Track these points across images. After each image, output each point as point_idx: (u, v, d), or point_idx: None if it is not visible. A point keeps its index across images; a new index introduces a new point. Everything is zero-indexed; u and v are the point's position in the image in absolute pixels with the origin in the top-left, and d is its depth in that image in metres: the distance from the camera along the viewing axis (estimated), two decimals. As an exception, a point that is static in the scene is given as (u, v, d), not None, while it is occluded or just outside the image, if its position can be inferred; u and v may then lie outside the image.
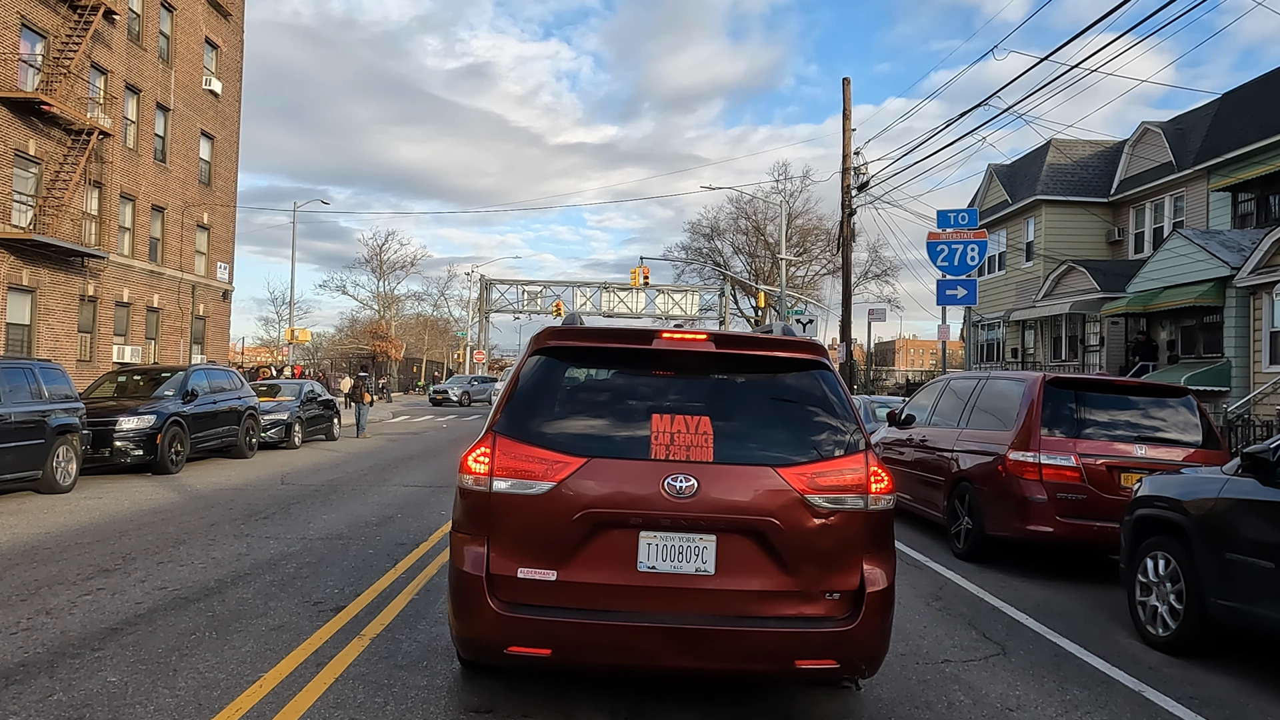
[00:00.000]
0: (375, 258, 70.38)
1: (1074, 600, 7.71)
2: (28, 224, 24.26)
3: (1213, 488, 6.12)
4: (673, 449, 4.19)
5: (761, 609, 4.17)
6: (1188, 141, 25.11)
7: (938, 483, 10.07)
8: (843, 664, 4.17)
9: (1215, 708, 5.21)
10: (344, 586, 7.08)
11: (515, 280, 62.31)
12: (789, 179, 70.85)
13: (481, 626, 4.17)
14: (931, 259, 21.10)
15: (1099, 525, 8.17)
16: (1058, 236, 28.86)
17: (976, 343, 33.65)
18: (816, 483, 4.22)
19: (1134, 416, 8.77)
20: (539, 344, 4.55)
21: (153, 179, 30.72)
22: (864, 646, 4.20)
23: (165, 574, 7.38)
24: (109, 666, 5.08)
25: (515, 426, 4.32)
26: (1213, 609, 5.88)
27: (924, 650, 6.01)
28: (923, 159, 75.24)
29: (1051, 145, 29.36)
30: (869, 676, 4.53)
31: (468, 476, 4.30)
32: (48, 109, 23.91)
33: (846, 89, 27.36)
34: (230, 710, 4.49)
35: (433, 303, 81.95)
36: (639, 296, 58.48)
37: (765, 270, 57.55)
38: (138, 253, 29.90)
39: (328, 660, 5.27)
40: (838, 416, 4.42)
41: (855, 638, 4.15)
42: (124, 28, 28.49)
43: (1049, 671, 5.70)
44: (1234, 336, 20.20)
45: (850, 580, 4.22)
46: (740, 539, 4.16)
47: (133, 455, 14.39)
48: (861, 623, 4.16)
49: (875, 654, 4.30)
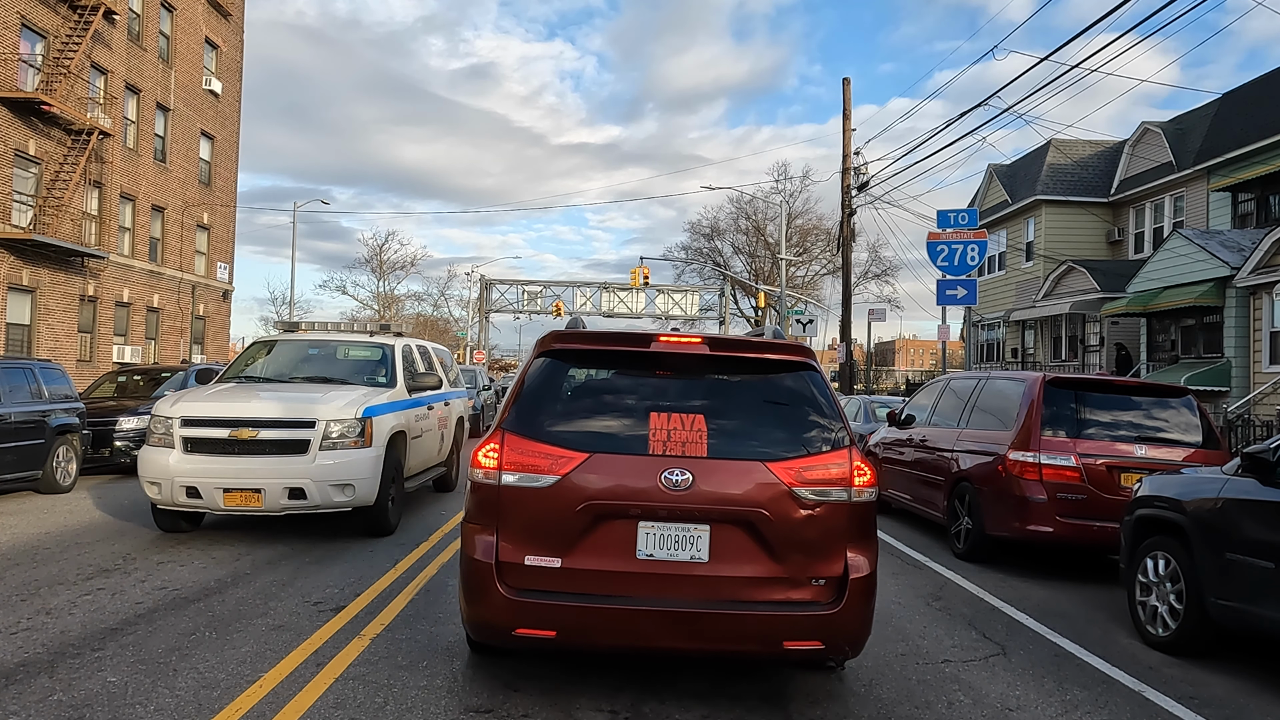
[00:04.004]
0: (375, 258, 70.45)
1: (1074, 600, 7.72)
2: (28, 224, 24.26)
3: (1213, 488, 6.12)
4: (669, 445, 4.47)
5: (752, 594, 4.45)
6: (1188, 141, 25.11)
7: (938, 483, 10.07)
8: (828, 645, 4.47)
9: (1215, 708, 5.21)
10: (344, 586, 7.08)
11: (515, 280, 62.27)
12: (789, 179, 70.81)
13: (491, 610, 4.45)
14: (931, 259, 21.10)
15: (1099, 525, 8.17)
16: (1058, 236, 28.86)
17: (976, 343, 33.65)
18: (803, 476, 4.50)
19: (1134, 416, 8.77)
20: (544, 346, 4.87)
21: (153, 179, 30.72)
22: (848, 629, 4.50)
23: (165, 574, 7.38)
24: (109, 666, 5.08)
25: (522, 424, 4.60)
26: (1213, 609, 5.88)
27: (924, 650, 6.01)
28: (923, 159, 75.18)
29: (1051, 145, 29.36)
30: (853, 657, 4.88)
31: (478, 471, 4.58)
32: (48, 109, 23.92)
33: (846, 89, 27.37)
34: (230, 710, 4.49)
35: (433, 303, 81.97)
36: (639, 296, 58.42)
37: (765, 270, 57.54)
38: (138, 253, 29.91)
39: (328, 660, 5.27)
40: (824, 415, 4.72)
41: (840, 621, 4.44)
42: (124, 28, 28.50)
43: (1049, 671, 5.70)
44: (1234, 336, 20.20)
45: (835, 567, 4.51)
46: (732, 529, 4.44)
47: (133, 455, 14.37)
48: (845, 607, 4.45)
49: (858, 636, 4.60)
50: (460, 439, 13.22)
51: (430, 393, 10.96)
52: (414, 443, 10.21)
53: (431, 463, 11.46)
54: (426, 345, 12.30)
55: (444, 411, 11.89)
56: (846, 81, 27.47)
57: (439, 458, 11.85)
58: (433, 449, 11.30)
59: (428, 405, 10.95)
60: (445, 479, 12.35)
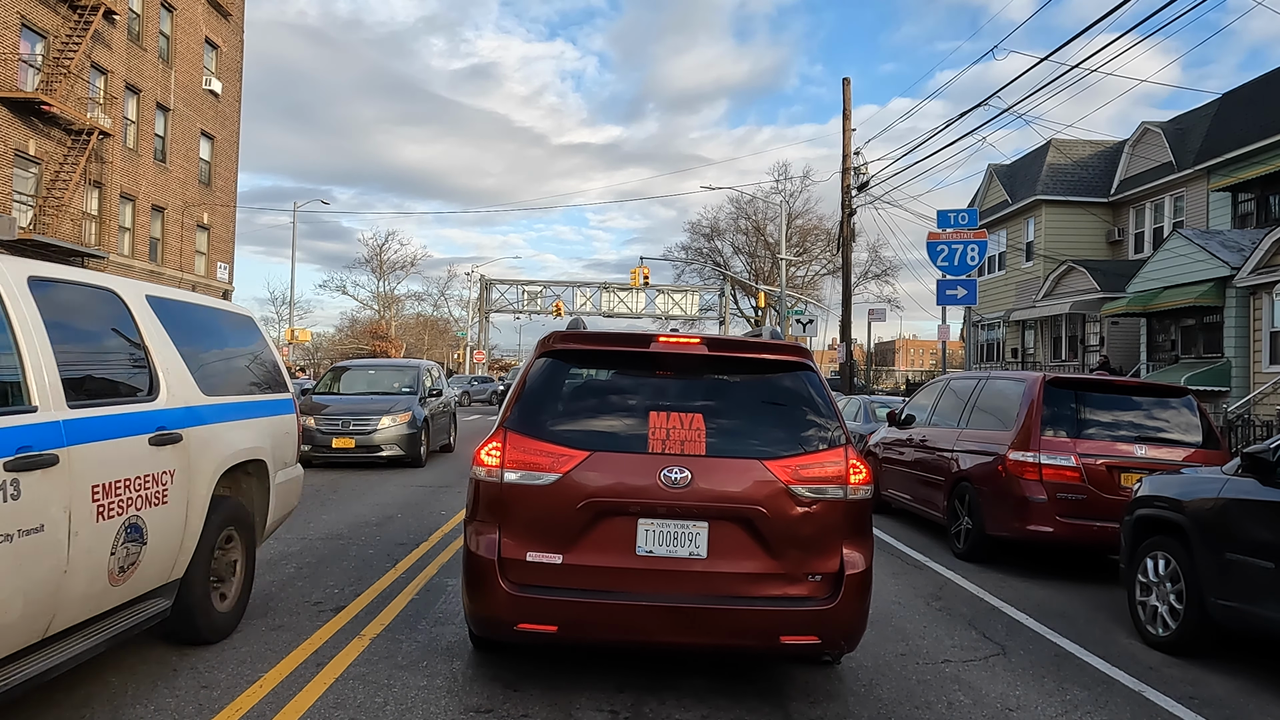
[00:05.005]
0: (375, 258, 70.50)
1: (1074, 600, 7.72)
2: (28, 224, 24.26)
3: (1213, 488, 6.12)
4: (669, 443, 4.54)
5: (750, 590, 4.51)
6: (1188, 141, 25.11)
7: (938, 483, 10.07)
8: (824, 640, 4.53)
9: (1215, 708, 5.21)
10: (344, 586, 7.08)
11: (515, 280, 62.34)
12: (789, 179, 70.81)
13: (494, 606, 4.51)
14: (931, 259, 21.09)
15: (1099, 525, 8.16)
16: (1058, 236, 28.87)
17: (976, 343, 33.65)
18: (800, 474, 4.56)
19: (1134, 416, 8.77)
20: (545, 347, 4.92)
21: (153, 179, 30.73)
22: (844, 624, 4.56)
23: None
24: (109, 666, 5.07)
25: (524, 423, 4.67)
26: (1213, 609, 5.88)
27: (924, 650, 6.01)
28: (923, 159, 75.04)
29: (1051, 145, 29.36)
30: (849, 652, 4.95)
31: (481, 469, 4.64)
32: (48, 109, 23.92)
33: (846, 89, 27.37)
34: (230, 710, 4.49)
35: (433, 303, 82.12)
36: (639, 296, 58.49)
37: (765, 270, 57.54)
38: (138, 253, 29.92)
39: (328, 660, 5.27)
40: (821, 414, 4.78)
41: (836, 616, 4.51)
42: (124, 28, 28.50)
43: (1049, 671, 5.70)
44: (1234, 336, 20.20)
45: (831, 564, 4.57)
46: (730, 526, 4.50)
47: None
48: (841, 602, 4.52)
49: (854, 631, 4.66)
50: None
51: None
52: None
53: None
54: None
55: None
56: (846, 81, 27.49)
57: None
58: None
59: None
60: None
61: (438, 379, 18.26)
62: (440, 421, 17.53)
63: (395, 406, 15.43)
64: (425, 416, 15.97)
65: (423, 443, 15.68)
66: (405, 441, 15.13)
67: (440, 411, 17.56)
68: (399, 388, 16.74)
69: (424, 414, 15.93)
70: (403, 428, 15.15)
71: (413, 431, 15.28)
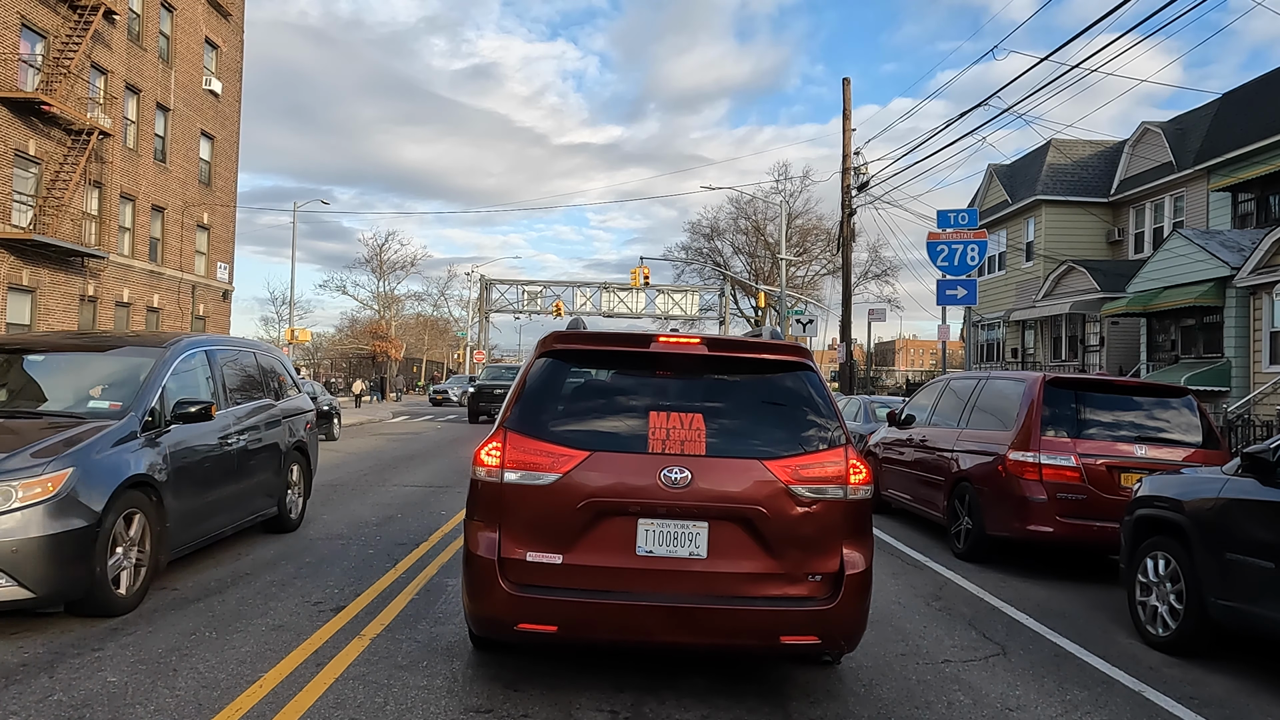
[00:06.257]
0: (376, 258, 70.45)
1: (1074, 600, 7.72)
2: (28, 224, 24.26)
3: (1213, 488, 6.12)
4: (668, 443, 4.53)
5: (750, 589, 4.50)
6: (1188, 141, 25.11)
7: (938, 483, 10.07)
8: (824, 640, 4.53)
9: (1215, 708, 5.21)
10: (344, 586, 7.08)
11: (515, 280, 62.33)
12: (789, 179, 70.84)
13: (494, 606, 4.51)
14: (931, 259, 21.09)
15: (1099, 525, 8.17)
16: (1058, 236, 28.86)
17: (976, 343, 33.64)
18: (800, 474, 4.56)
19: (1134, 416, 8.77)
20: (545, 347, 4.91)
21: (153, 179, 30.73)
22: (844, 624, 4.57)
23: (165, 574, 7.37)
24: (109, 666, 5.07)
25: (524, 423, 4.66)
26: (1213, 609, 5.88)
27: (924, 650, 6.01)
28: (923, 159, 75.04)
29: (1051, 145, 29.36)
30: (848, 651, 4.95)
31: (481, 469, 4.63)
32: (48, 109, 23.91)
33: (846, 89, 27.37)
34: (230, 710, 4.49)
35: (433, 303, 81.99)
36: (639, 297, 58.47)
37: (765, 270, 57.52)
38: (138, 253, 29.92)
39: (328, 660, 5.27)
40: (820, 414, 4.78)
41: (836, 616, 4.51)
42: (124, 28, 28.50)
43: (1049, 671, 5.70)
44: (1234, 336, 20.20)
45: (831, 564, 4.57)
46: (730, 526, 4.50)
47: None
48: (841, 602, 4.51)
49: (854, 631, 4.67)
50: None
51: None
52: None
53: None
54: None
55: None
56: (846, 82, 27.49)
57: None
58: None
59: None
60: None
61: (245, 381, 8.66)
62: (259, 469, 8.44)
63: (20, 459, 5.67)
64: (149, 475, 6.39)
65: (95, 561, 5.75)
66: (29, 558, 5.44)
67: (255, 447, 8.31)
68: (83, 401, 6.93)
69: (137, 469, 6.27)
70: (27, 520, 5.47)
71: (58, 532, 5.53)
